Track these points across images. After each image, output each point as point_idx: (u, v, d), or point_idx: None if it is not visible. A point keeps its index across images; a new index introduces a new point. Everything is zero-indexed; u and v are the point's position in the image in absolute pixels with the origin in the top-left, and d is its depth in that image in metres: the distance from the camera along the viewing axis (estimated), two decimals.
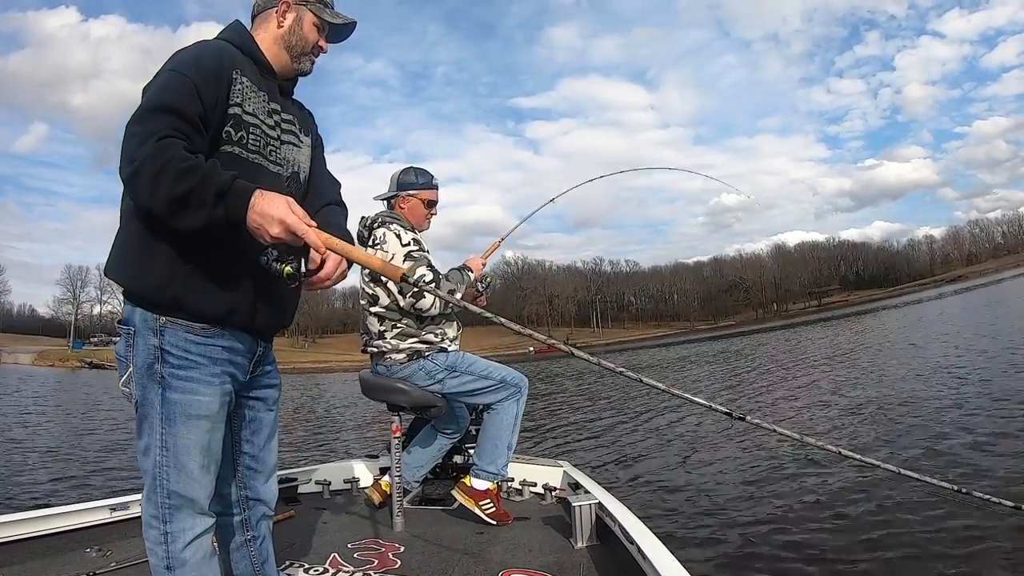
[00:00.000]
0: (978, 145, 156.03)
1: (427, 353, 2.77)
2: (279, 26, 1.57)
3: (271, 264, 1.32)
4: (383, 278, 2.71)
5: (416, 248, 2.73)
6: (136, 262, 1.38)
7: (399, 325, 2.76)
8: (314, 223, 1.31)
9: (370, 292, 2.79)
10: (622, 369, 1.37)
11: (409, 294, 2.66)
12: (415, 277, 2.53)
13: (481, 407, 2.93)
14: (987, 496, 1.93)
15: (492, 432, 2.79)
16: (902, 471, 1.77)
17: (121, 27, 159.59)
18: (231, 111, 1.40)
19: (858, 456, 1.71)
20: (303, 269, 1.36)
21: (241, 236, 1.33)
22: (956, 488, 2.00)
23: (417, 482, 3.08)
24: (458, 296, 2.75)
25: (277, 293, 1.52)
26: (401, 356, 2.75)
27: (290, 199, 1.29)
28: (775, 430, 1.54)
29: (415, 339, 2.76)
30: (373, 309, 2.78)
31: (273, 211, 1.25)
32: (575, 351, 1.43)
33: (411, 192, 2.90)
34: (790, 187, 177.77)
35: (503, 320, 1.47)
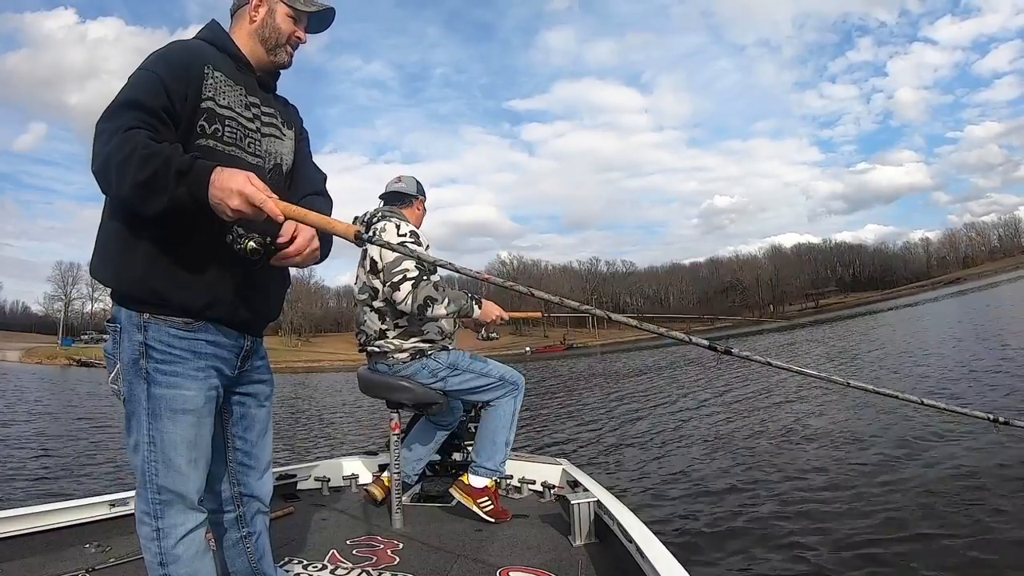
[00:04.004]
0: (971, 149, 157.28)
1: (430, 352, 2.78)
2: (251, 21, 1.58)
3: (235, 241, 1.31)
4: (382, 271, 2.71)
5: (412, 240, 2.71)
6: (116, 258, 1.40)
7: (401, 323, 2.75)
8: (275, 196, 1.30)
9: (371, 286, 2.76)
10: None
11: (388, 283, 2.63)
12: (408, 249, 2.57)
13: (480, 404, 2.94)
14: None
15: (490, 429, 2.81)
16: (924, 401, 1.72)
17: (119, 29, 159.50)
18: (204, 105, 1.41)
19: (870, 387, 1.67)
20: (272, 245, 1.35)
21: (216, 226, 1.34)
22: (992, 418, 1.87)
23: (415, 475, 3.10)
24: (443, 309, 2.60)
25: (260, 286, 1.53)
26: (404, 355, 2.76)
27: (250, 173, 1.28)
28: (763, 362, 1.56)
29: (418, 338, 2.77)
30: (375, 304, 2.76)
31: (232, 184, 1.25)
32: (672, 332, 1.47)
33: (423, 199, 3.04)
34: (784, 190, 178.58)
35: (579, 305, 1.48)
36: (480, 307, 2.75)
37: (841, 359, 15.28)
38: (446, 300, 2.61)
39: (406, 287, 2.58)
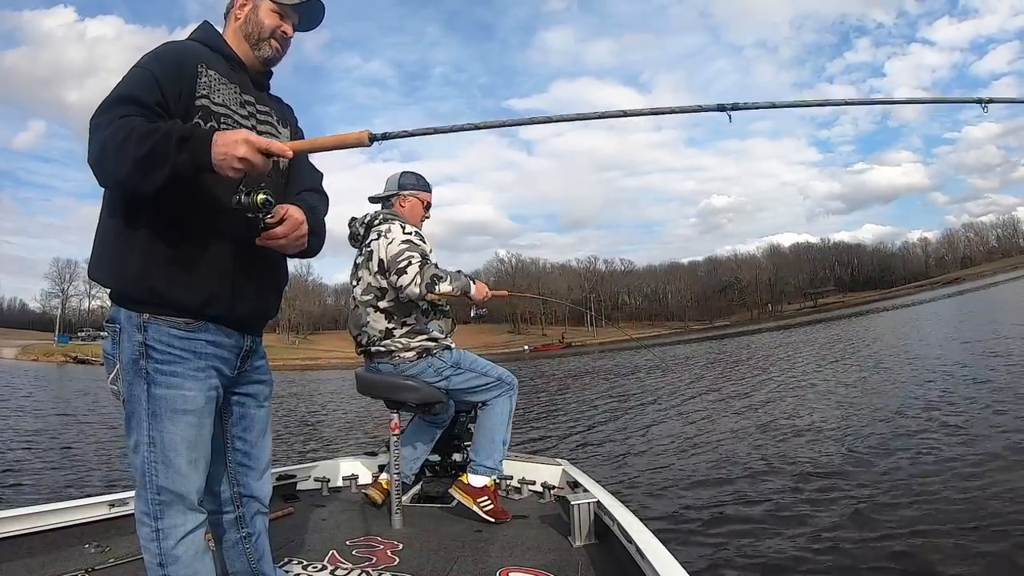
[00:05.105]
0: (968, 150, 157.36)
1: (435, 351, 2.81)
2: (236, 19, 1.60)
3: (243, 200, 1.32)
4: (387, 269, 2.71)
5: (417, 239, 2.76)
6: (114, 257, 1.40)
7: (409, 322, 2.77)
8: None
9: (378, 287, 2.76)
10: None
11: (394, 270, 2.66)
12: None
13: (479, 404, 2.96)
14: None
15: (489, 428, 2.85)
16: (912, 99, 1.73)
17: (118, 27, 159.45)
18: (198, 102, 1.42)
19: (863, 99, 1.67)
20: (266, 220, 1.37)
21: (216, 222, 1.38)
22: (978, 99, 1.83)
23: (412, 474, 3.10)
24: (448, 286, 2.65)
25: (258, 282, 1.54)
26: (411, 354, 2.78)
27: (250, 131, 1.32)
28: (768, 105, 1.59)
29: (424, 336, 2.80)
30: (382, 304, 2.77)
31: (235, 136, 1.28)
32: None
33: (412, 192, 2.98)
34: (781, 190, 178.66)
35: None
36: (473, 285, 2.81)
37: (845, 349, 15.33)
38: (449, 278, 2.67)
39: (413, 269, 2.63)
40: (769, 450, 6.07)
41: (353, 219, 2.97)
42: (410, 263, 2.65)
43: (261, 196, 1.33)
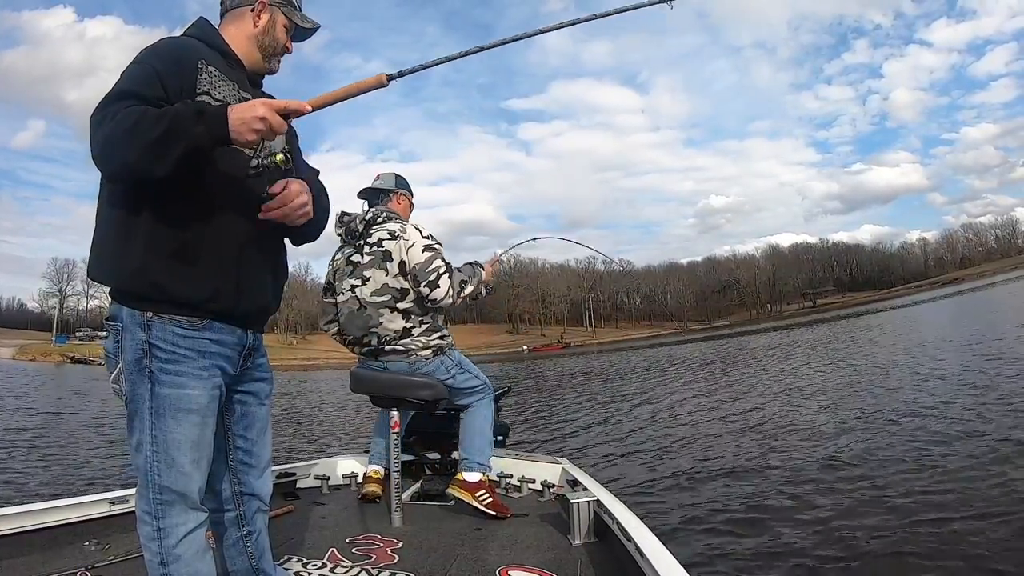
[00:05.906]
0: (966, 151, 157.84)
1: (446, 349, 2.87)
2: (254, 25, 1.59)
3: (262, 164, 1.34)
4: (410, 273, 2.75)
5: (435, 242, 2.84)
6: (114, 253, 1.39)
7: (426, 321, 2.82)
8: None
9: (396, 288, 2.78)
10: None
11: (424, 282, 2.71)
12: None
13: (466, 405, 2.96)
14: None
15: (479, 427, 2.92)
16: None
17: (118, 27, 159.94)
18: (199, 98, 1.42)
19: None
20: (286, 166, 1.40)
21: (218, 216, 1.39)
22: None
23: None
24: (471, 287, 2.89)
25: (259, 275, 1.54)
26: (428, 352, 2.82)
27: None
28: None
29: (438, 334, 2.85)
30: (400, 306, 2.78)
31: (251, 102, 1.31)
32: None
33: (404, 193, 3.09)
34: (780, 190, 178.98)
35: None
36: (483, 270, 3.08)
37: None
38: (469, 279, 2.91)
39: (445, 281, 2.75)
40: (767, 448, 6.08)
41: (344, 214, 2.96)
42: (439, 274, 2.75)
43: (280, 156, 1.34)
